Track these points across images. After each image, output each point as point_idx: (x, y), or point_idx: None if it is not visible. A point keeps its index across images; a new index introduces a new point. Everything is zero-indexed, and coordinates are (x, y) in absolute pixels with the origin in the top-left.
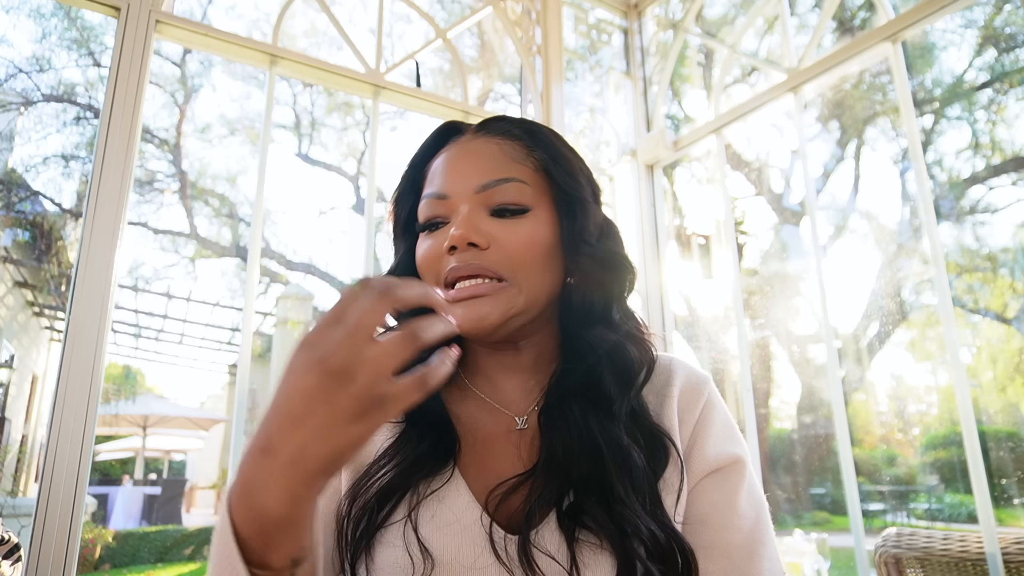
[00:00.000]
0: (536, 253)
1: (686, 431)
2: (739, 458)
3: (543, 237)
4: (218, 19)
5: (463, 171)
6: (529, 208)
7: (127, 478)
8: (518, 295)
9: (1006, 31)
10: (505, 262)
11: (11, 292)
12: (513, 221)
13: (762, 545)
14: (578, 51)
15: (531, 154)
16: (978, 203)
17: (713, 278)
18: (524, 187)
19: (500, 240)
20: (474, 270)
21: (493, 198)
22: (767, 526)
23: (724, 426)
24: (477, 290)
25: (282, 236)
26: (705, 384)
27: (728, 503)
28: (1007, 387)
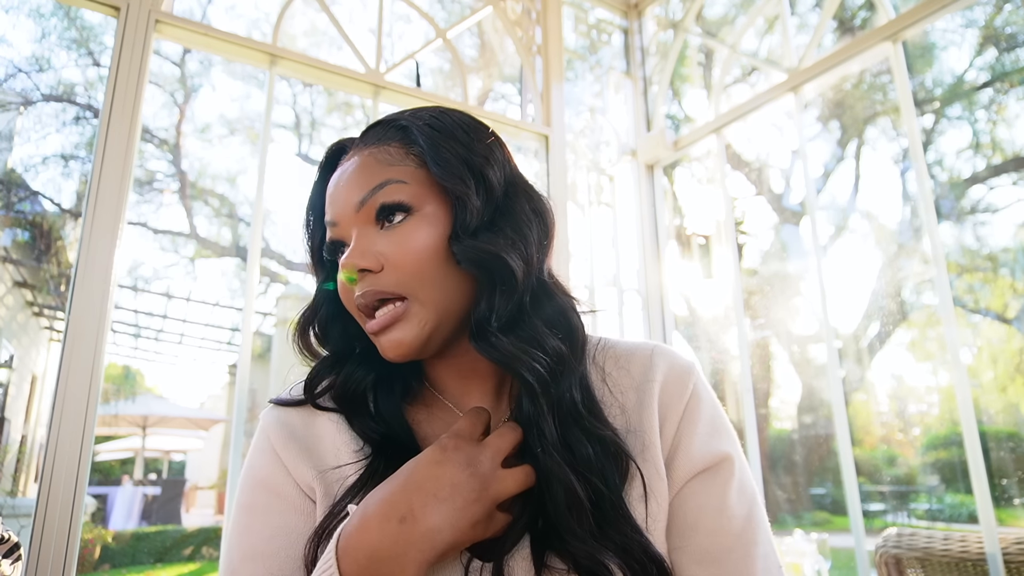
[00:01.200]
0: (428, 260)
1: (669, 429)
2: (728, 455)
3: (433, 240)
4: (218, 19)
5: (341, 193)
6: (411, 207)
7: (127, 478)
8: (422, 310)
9: (1006, 31)
10: (401, 280)
11: (11, 292)
12: (399, 229)
13: (754, 545)
14: (578, 51)
15: (409, 152)
16: (978, 203)
17: (713, 278)
18: (402, 186)
19: (390, 256)
20: (374, 297)
21: (372, 208)
22: (760, 522)
23: (711, 421)
24: (387, 319)
25: (282, 236)
26: (689, 375)
27: (717, 505)
28: (1007, 387)
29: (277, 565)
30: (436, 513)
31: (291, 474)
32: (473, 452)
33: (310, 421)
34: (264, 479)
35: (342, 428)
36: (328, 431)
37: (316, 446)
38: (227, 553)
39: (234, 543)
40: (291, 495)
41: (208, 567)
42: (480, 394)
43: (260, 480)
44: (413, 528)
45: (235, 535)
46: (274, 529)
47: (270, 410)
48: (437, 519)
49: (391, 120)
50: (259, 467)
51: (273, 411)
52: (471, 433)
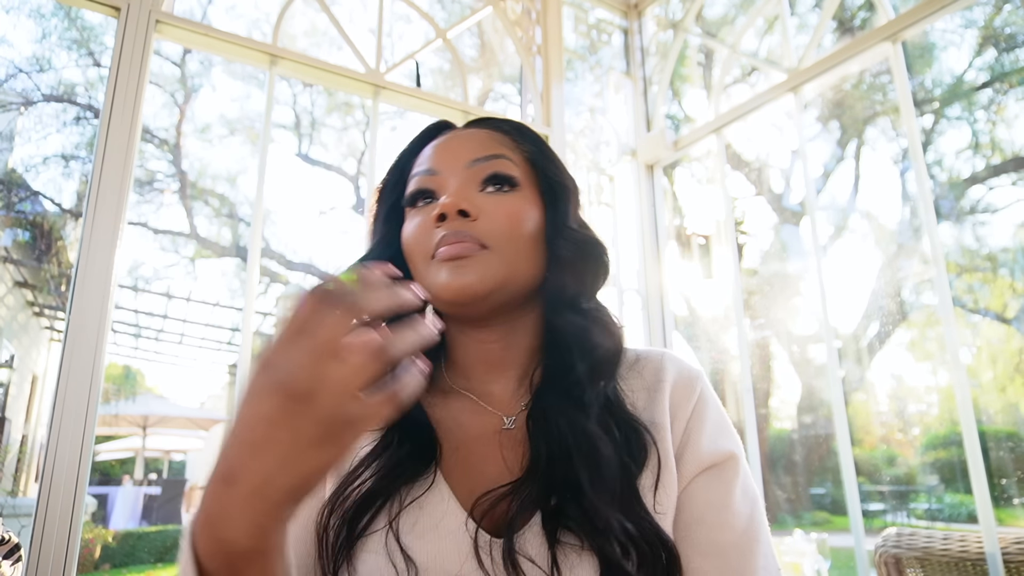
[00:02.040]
0: (521, 228)
1: (679, 428)
2: (733, 454)
3: (529, 216)
4: (218, 19)
5: (453, 150)
6: (518, 184)
7: (127, 478)
8: (500, 264)
9: (1006, 31)
10: (492, 231)
11: (11, 292)
12: (502, 195)
13: (756, 543)
14: (578, 51)
15: (520, 146)
16: (978, 203)
17: (713, 278)
18: (513, 165)
19: (488, 211)
20: (461, 238)
21: (483, 172)
22: (762, 523)
23: (717, 422)
24: (462, 250)
25: (282, 236)
26: (698, 379)
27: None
28: (1007, 387)
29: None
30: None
31: None
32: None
33: None
34: None
35: None
36: None
37: None
38: None
39: None
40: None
41: None
42: (503, 383)
43: None
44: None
45: None
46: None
47: None
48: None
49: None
50: None
51: None
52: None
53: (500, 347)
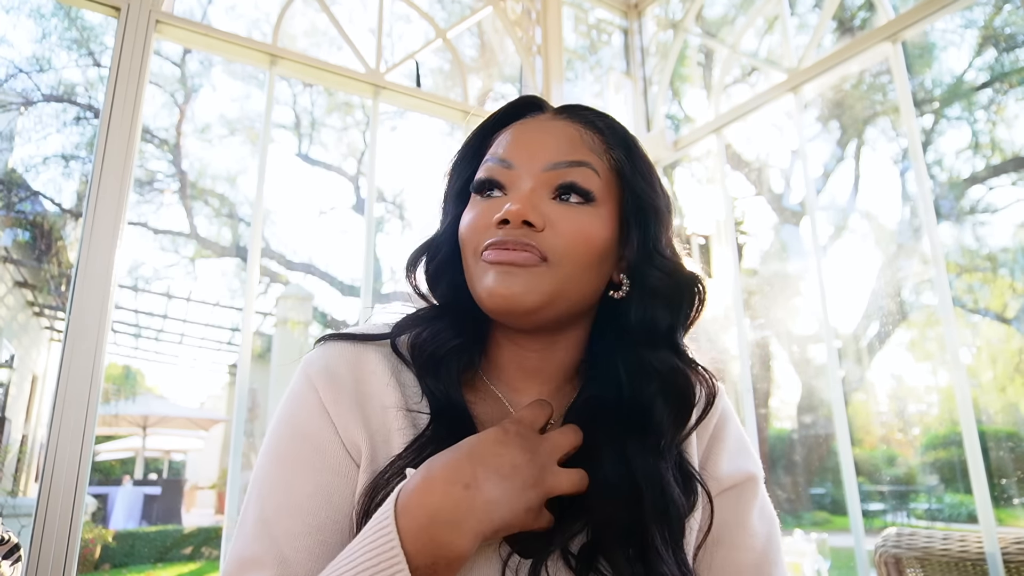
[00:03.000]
0: (590, 248)
1: (700, 446)
2: (752, 475)
3: (601, 235)
4: (218, 19)
5: (534, 144)
6: (595, 199)
7: (127, 478)
8: (554, 281)
9: (1006, 31)
10: (556, 246)
11: (11, 292)
12: (575, 208)
13: (773, 565)
14: (578, 51)
15: (609, 150)
16: (978, 203)
17: (713, 278)
18: (596, 177)
19: (557, 224)
20: (522, 246)
21: (560, 179)
22: (778, 544)
23: (737, 441)
24: (517, 257)
25: (282, 236)
26: (719, 397)
27: (740, 522)
28: (1007, 387)
29: (317, 523)
30: (497, 487)
31: (339, 432)
32: (534, 441)
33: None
34: (310, 434)
35: (392, 386)
36: (376, 386)
37: (365, 401)
38: (258, 500)
39: (268, 493)
40: (338, 455)
41: (208, 567)
42: (535, 393)
43: (305, 433)
44: (476, 496)
45: (270, 485)
46: (316, 486)
47: (316, 354)
48: (497, 493)
49: (600, 113)
50: (305, 419)
51: (319, 357)
52: (533, 423)
53: (538, 357)
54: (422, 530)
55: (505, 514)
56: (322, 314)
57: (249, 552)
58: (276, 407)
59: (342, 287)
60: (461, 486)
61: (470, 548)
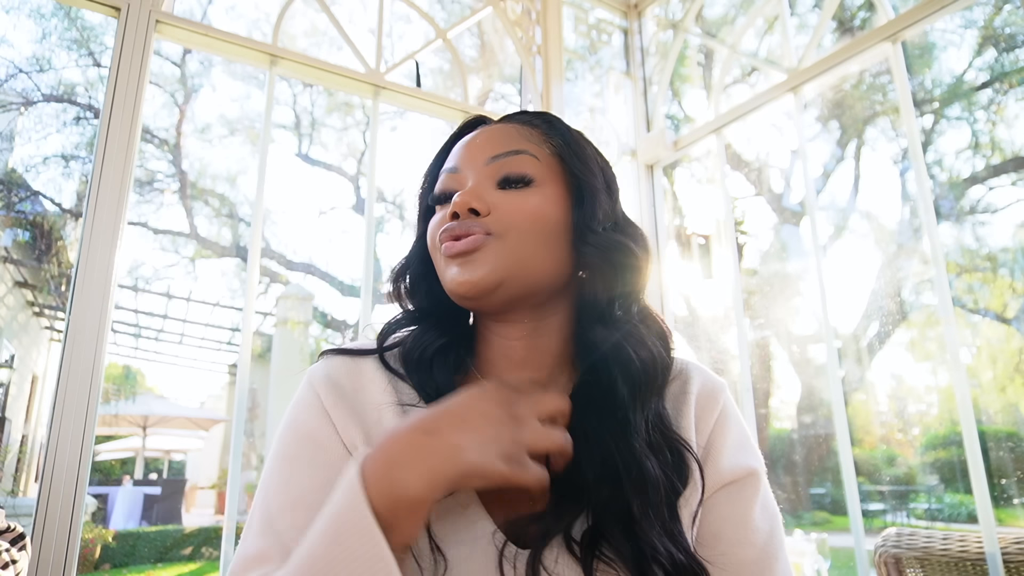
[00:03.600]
0: (535, 224)
1: (701, 440)
2: (754, 470)
3: (546, 213)
4: (218, 19)
5: (475, 146)
6: (534, 181)
7: (127, 478)
8: (507, 253)
9: (1006, 31)
10: (501, 222)
11: (11, 292)
12: (519, 192)
13: (776, 560)
14: (578, 51)
15: (548, 140)
16: (978, 203)
17: (713, 278)
18: (534, 161)
19: (500, 207)
20: (468, 230)
21: (501, 169)
22: (781, 540)
23: (739, 436)
24: (469, 244)
25: (282, 236)
26: (721, 391)
27: (742, 517)
28: (1007, 387)
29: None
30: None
31: (339, 431)
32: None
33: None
34: (311, 432)
35: (388, 391)
36: (373, 392)
37: (363, 407)
38: (263, 501)
39: (272, 492)
40: (337, 451)
41: (208, 567)
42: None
43: (307, 433)
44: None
45: (275, 484)
46: (320, 481)
47: (319, 365)
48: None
49: (537, 112)
50: (306, 420)
51: (321, 367)
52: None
53: (523, 345)
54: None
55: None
56: (322, 314)
57: (254, 549)
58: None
59: (342, 287)
60: (422, 432)
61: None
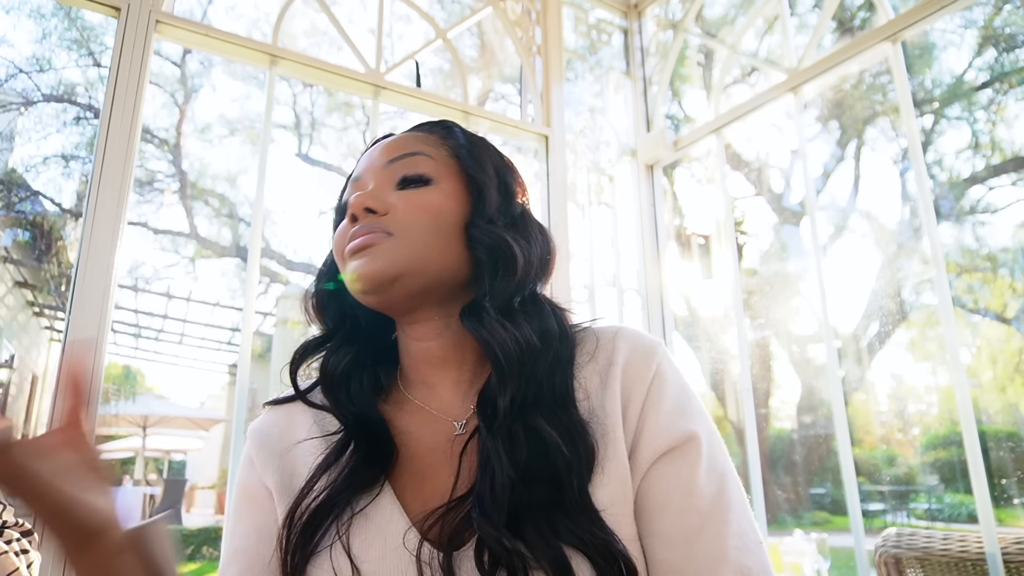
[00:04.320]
0: (429, 216)
1: (633, 412)
2: (693, 434)
3: (443, 208)
4: (218, 19)
5: (376, 155)
6: (431, 179)
7: (127, 478)
8: (404, 248)
9: (1006, 31)
10: (397, 223)
11: (11, 292)
12: (415, 191)
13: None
14: (578, 51)
15: (445, 142)
16: (978, 203)
17: (713, 278)
18: (430, 160)
19: (397, 205)
20: (368, 230)
21: (399, 171)
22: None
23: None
24: (367, 240)
25: (282, 236)
26: (652, 354)
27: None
28: (1007, 387)
29: (249, 562)
30: None
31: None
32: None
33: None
34: (242, 484)
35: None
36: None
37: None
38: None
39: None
40: (261, 497)
41: (208, 567)
42: (448, 385)
43: (240, 486)
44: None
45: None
46: (248, 528)
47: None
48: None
49: (437, 120)
50: (241, 477)
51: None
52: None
53: (437, 345)
54: None
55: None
56: None
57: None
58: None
59: None
60: None
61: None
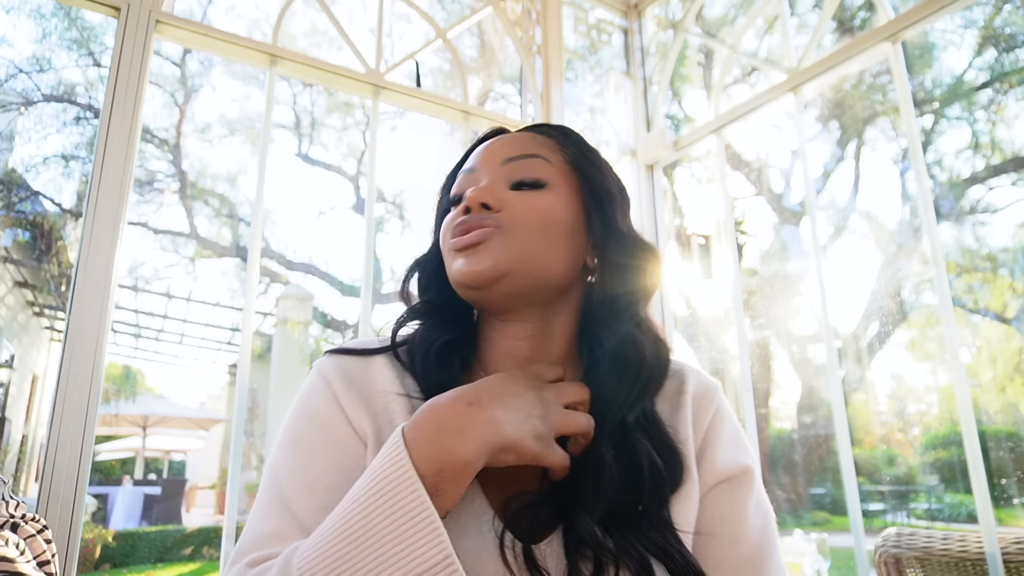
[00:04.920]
0: (545, 222)
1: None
2: (748, 468)
3: (557, 213)
4: (218, 19)
5: (492, 150)
6: (547, 184)
7: (127, 478)
8: (514, 245)
9: (1006, 31)
10: (510, 219)
11: (11, 292)
12: (531, 193)
13: (770, 556)
14: (578, 51)
15: (563, 148)
16: (978, 203)
17: (713, 278)
18: (547, 165)
19: (512, 204)
20: (478, 222)
21: (515, 171)
22: (774, 536)
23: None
24: (476, 236)
25: (282, 236)
26: (716, 391)
27: (737, 514)
28: (1007, 387)
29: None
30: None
31: (349, 418)
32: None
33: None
34: (323, 417)
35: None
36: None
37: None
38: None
39: (284, 474)
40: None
41: (208, 567)
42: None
43: (317, 417)
44: (480, 412)
45: (285, 467)
46: (331, 464)
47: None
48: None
49: (555, 124)
50: (316, 406)
51: (331, 358)
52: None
53: (528, 346)
54: (429, 440)
55: (511, 432)
56: (322, 314)
57: (269, 527)
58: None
59: (342, 287)
60: (465, 404)
61: (476, 456)
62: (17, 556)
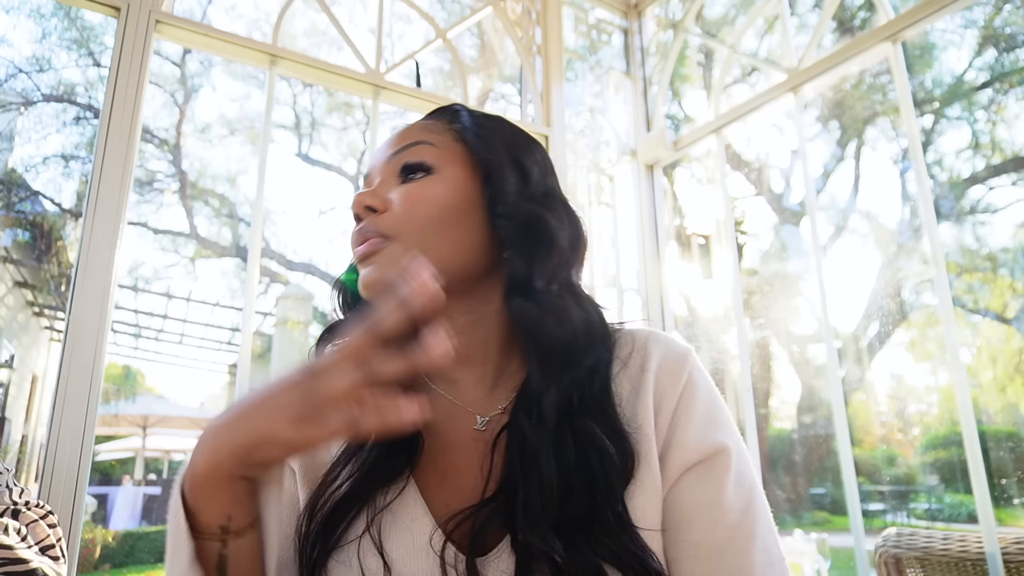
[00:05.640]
0: (430, 209)
1: (663, 421)
2: (723, 447)
3: (445, 196)
4: (218, 19)
5: (382, 149)
6: (432, 168)
7: (127, 478)
8: (404, 251)
9: (1006, 31)
10: (395, 222)
11: (11, 292)
12: (418, 182)
13: (752, 538)
14: (578, 51)
15: (450, 127)
16: (978, 203)
17: (713, 278)
18: (430, 148)
19: (396, 202)
20: (366, 234)
21: (400, 162)
22: (758, 516)
23: (707, 411)
24: (368, 248)
25: (282, 236)
26: (684, 361)
27: (713, 499)
28: (1007, 387)
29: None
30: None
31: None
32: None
33: None
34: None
35: None
36: None
37: None
38: None
39: None
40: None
41: None
42: (475, 380)
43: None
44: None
45: None
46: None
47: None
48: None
49: (446, 107)
50: None
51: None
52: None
53: (461, 342)
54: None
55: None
56: (322, 314)
57: None
58: None
59: None
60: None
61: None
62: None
